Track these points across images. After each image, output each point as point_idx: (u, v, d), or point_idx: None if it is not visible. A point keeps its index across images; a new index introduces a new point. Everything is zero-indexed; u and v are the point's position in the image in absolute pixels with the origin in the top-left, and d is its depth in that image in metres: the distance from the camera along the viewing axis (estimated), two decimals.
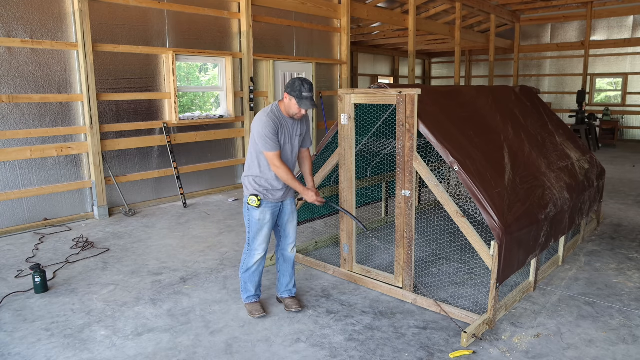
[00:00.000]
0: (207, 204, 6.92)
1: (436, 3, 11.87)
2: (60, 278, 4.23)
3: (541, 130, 5.05)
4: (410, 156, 3.54)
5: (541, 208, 3.77)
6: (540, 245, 3.77)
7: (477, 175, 3.40)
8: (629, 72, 14.50)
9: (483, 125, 4.22)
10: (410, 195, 3.59)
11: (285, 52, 8.46)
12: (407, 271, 3.72)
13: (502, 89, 5.27)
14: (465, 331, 3.09)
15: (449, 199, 3.40)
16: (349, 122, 3.88)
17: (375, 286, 3.94)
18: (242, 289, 3.58)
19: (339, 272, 4.21)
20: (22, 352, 3.05)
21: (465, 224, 3.33)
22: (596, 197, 5.15)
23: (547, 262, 4.34)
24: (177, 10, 6.78)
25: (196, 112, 7.94)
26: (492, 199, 3.33)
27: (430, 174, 3.48)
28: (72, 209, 6.07)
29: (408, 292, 3.73)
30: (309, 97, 3.24)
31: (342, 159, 4.01)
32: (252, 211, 3.38)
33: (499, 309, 3.45)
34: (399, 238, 3.72)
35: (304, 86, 3.24)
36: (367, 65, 17.12)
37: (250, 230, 3.43)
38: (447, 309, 3.48)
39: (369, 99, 3.73)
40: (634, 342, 3.16)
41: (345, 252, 4.16)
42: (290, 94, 3.25)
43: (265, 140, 3.23)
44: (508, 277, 3.42)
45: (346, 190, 4.04)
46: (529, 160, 4.28)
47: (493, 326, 3.31)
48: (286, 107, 3.32)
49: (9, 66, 5.39)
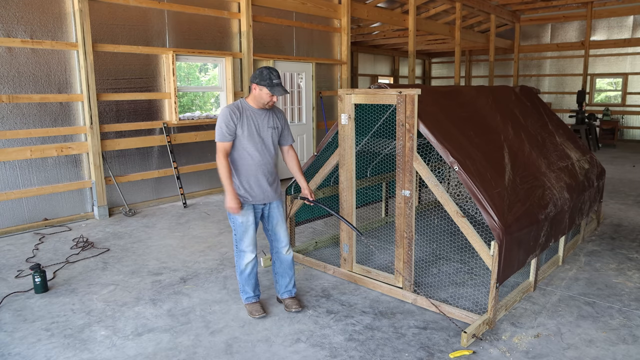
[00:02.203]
0: (207, 204, 6.92)
1: (436, 3, 11.87)
2: (60, 278, 4.23)
3: (541, 130, 5.05)
4: (410, 156, 3.54)
5: (541, 208, 3.77)
6: (540, 245, 3.76)
7: (477, 175, 3.40)
8: (629, 72, 14.50)
9: (483, 125, 4.22)
10: (410, 195, 3.59)
11: (285, 52, 8.46)
12: (407, 271, 3.72)
13: (502, 89, 5.27)
14: (465, 331, 3.09)
15: (449, 199, 3.40)
16: (349, 122, 3.88)
17: (375, 286, 3.94)
18: (241, 290, 3.57)
19: (339, 272, 4.21)
20: (22, 352, 3.05)
21: (465, 224, 3.33)
22: (596, 197, 5.15)
23: (547, 262, 4.34)
24: (177, 10, 6.78)
25: (196, 112, 7.94)
26: (492, 199, 3.33)
27: (430, 174, 3.48)
28: (72, 209, 6.07)
29: (408, 292, 3.73)
30: (279, 83, 3.23)
31: (342, 159, 4.00)
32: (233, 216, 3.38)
33: (499, 309, 3.45)
34: (398, 238, 3.72)
35: (273, 73, 3.22)
36: (367, 65, 17.12)
37: (236, 232, 3.42)
38: (447, 309, 3.48)
39: (369, 99, 3.73)
40: (634, 342, 3.16)
41: (345, 252, 4.15)
42: (259, 84, 3.22)
43: (217, 129, 3.24)
44: (508, 277, 3.41)
45: (346, 190, 4.04)
46: (529, 160, 4.28)
47: (493, 326, 3.31)
48: (256, 98, 3.28)
49: (9, 66, 5.39)
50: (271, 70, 3.22)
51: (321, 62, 9.14)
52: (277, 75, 3.23)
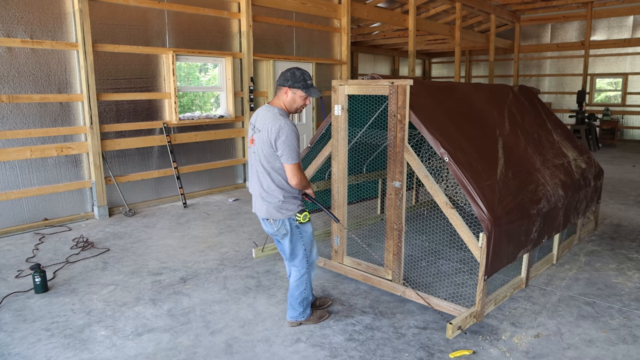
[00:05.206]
0: (207, 204, 6.92)
1: (436, 3, 11.87)
2: (60, 278, 4.23)
3: (538, 128, 5.04)
4: (401, 147, 3.54)
5: (533, 203, 3.77)
6: (532, 240, 3.76)
7: (467, 167, 3.40)
8: (629, 72, 14.49)
9: (478, 120, 4.22)
10: (400, 186, 3.58)
11: (285, 52, 8.46)
12: (397, 263, 3.71)
13: (500, 87, 5.28)
14: (450, 322, 3.10)
15: (439, 189, 3.40)
16: (342, 114, 3.86)
17: (365, 278, 3.94)
18: (305, 306, 3.33)
19: (330, 264, 4.21)
20: (22, 352, 3.05)
21: (454, 215, 3.31)
22: (593, 197, 5.13)
23: (541, 260, 4.34)
24: (177, 10, 6.78)
25: (196, 112, 7.93)
26: (482, 190, 3.32)
27: (420, 164, 3.47)
28: (72, 209, 6.07)
29: (397, 284, 3.73)
30: (312, 84, 3.04)
31: (335, 150, 3.98)
32: (305, 226, 3.17)
33: (488, 302, 3.45)
34: (389, 230, 3.71)
35: (305, 74, 3.01)
36: (367, 65, 17.12)
37: (305, 247, 3.19)
38: (435, 301, 3.47)
39: (361, 90, 3.72)
40: (634, 342, 3.16)
41: (336, 244, 4.14)
42: (293, 87, 2.98)
43: (293, 149, 2.92)
44: (497, 270, 3.41)
45: (338, 182, 4.01)
46: (524, 156, 4.27)
47: (480, 319, 3.31)
48: (288, 102, 3.03)
49: (9, 66, 5.39)
50: (303, 71, 3.01)
51: (321, 62, 9.14)
52: (310, 76, 3.04)
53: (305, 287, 3.28)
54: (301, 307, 3.31)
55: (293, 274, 3.29)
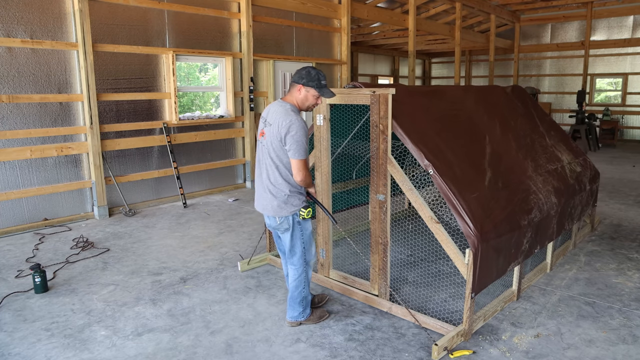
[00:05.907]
0: (207, 204, 6.92)
1: (436, 3, 11.87)
2: (60, 278, 4.23)
3: (531, 131, 4.86)
4: (384, 159, 3.38)
5: (524, 213, 3.61)
6: (523, 252, 3.60)
7: (453, 179, 3.25)
8: (629, 72, 14.50)
9: (467, 127, 4.06)
10: (384, 199, 3.45)
11: (285, 52, 8.46)
12: (383, 278, 3.57)
13: (492, 89, 5.10)
14: (436, 343, 2.94)
15: (424, 203, 3.25)
16: (324, 123, 3.74)
17: (351, 293, 3.79)
18: (305, 305, 3.33)
19: (316, 277, 4.05)
20: (22, 352, 3.05)
21: (440, 230, 3.17)
22: (589, 201, 4.97)
23: (533, 270, 4.17)
24: (177, 10, 6.78)
25: (196, 112, 7.94)
26: (469, 204, 3.17)
27: (404, 177, 3.32)
28: (72, 209, 6.07)
29: (384, 299, 3.58)
30: (326, 84, 3.05)
31: (318, 161, 3.83)
32: (306, 223, 3.19)
33: (477, 319, 3.30)
34: (374, 244, 3.58)
35: (320, 74, 3.02)
36: (367, 65, 17.12)
37: (304, 244, 3.21)
38: (422, 319, 3.33)
39: (343, 99, 3.58)
40: (634, 342, 3.16)
41: (322, 257, 4.01)
42: (307, 85, 3.00)
43: (301, 145, 2.96)
44: (486, 286, 3.24)
45: (322, 194, 3.88)
46: (515, 162, 4.10)
47: (468, 338, 3.17)
48: (300, 100, 3.06)
49: (9, 66, 5.39)
50: (318, 71, 3.03)
51: (321, 62, 9.15)
52: (324, 76, 3.05)
53: (304, 286, 3.28)
54: (301, 307, 3.31)
55: (291, 273, 3.29)
